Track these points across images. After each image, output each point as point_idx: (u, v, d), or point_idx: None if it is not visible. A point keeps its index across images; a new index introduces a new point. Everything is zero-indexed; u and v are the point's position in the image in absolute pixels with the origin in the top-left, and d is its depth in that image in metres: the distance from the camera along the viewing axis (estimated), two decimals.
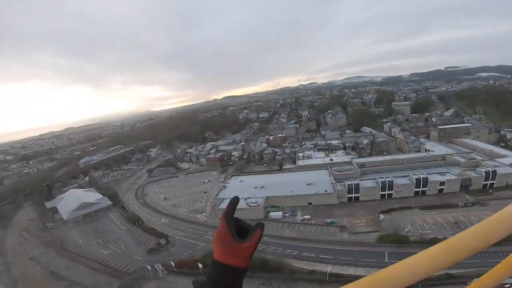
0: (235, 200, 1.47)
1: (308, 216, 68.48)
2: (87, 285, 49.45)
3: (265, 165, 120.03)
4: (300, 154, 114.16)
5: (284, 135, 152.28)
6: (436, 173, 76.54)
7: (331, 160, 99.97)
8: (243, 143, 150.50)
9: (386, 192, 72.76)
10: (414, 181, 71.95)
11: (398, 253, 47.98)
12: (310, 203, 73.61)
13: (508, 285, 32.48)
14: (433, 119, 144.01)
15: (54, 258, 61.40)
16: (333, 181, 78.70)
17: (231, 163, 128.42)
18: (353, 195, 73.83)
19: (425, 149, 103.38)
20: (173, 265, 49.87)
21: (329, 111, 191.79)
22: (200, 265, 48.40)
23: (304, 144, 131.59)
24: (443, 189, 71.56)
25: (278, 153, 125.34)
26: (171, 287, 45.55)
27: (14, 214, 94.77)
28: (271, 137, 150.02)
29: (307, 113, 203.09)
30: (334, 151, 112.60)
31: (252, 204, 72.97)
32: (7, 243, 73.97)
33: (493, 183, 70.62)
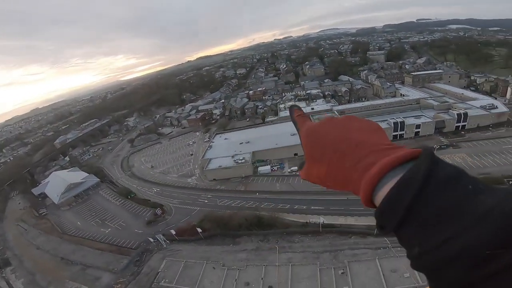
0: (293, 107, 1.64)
1: (296, 168, 68.69)
2: (99, 266, 50.76)
3: (247, 119, 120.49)
4: (282, 106, 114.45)
5: (263, 88, 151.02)
6: (412, 116, 79.47)
7: (312, 109, 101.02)
8: (223, 101, 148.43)
9: None
10: (392, 125, 74.63)
11: None
12: (296, 154, 74.26)
13: None
14: (407, 66, 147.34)
15: (59, 244, 61.62)
16: None
17: (213, 121, 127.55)
18: None
19: (401, 94, 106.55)
20: (174, 234, 51.86)
21: (307, 63, 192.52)
22: (199, 230, 50.32)
23: (285, 96, 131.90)
24: (419, 132, 75.03)
25: (260, 107, 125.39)
26: (177, 255, 47.97)
27: (4, 206, 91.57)
28: (251, 92, 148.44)
29: (284, 66, 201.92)
30: (314, 100, 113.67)
31: (240, 161, 73.88)
32: (9, 236, 72.65)
33: (465, 125, 74.20)
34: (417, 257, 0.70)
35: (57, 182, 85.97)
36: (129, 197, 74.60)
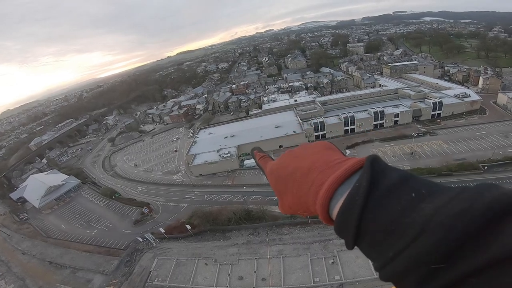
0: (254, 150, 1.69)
1: None
2: (89, 268, 49.75)
3: (231, 113, 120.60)
4: (265, 99, 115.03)
5: (246, 82, 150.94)
6: (391, 106, 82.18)
7: (296, 101, 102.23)
8: (205, 95, 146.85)
9: (349, 127, 77.76)
10: (373, 114, 77.06)
11: None
12: (281, 146, 75.11)
13: None
14: (385, 58, 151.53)
15: (45, 249, 59.85)
16: (300, 121, 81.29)
17: (196, 117, 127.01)
18: (319, 133, 77.71)
19: (379, 84, 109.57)
20: (163, 232, 51.31)
21: (289, 55, 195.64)
22: (188, 227, 49.90)
23: (268, 89, 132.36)
24: (397, 120, 77.76)
25: (243, 100, 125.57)
26: (167, 253, 47.68)
27: None
28: (234, 86, 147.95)
29: (267, 59, 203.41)
30: (297, 92, 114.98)
31: (226, 155, 73.74)
32: None
33: (440, 113, 77.48)
34: (378, 270, 0.70)
35: (36, 186, 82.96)
36: (113, 197, 72.94)
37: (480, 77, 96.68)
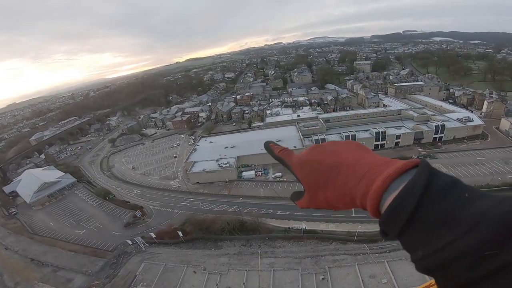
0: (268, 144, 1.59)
1: (280, 174, 70.03)
2: (72, 268, 48.54)
3: (234, 124, 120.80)
4: (268, 112, 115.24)
5: (251, 93, 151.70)
6: (393, 127, 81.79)
7: (298, 116, 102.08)
8: (210, 104, 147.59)
9: None
10: (374, 134, 76.76)
11: None
12: None
13: None
14: (391, 77, 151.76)
15: (29, 245, 58.71)
16: (301, 137, 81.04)
17: (199, 124, 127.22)
18: None
19: (383, 104, 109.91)
20: (154, 237, 50.40)
21: (295, 70, 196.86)
22: (180, 233, 49.11)
23: (272, 102, 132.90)
24: (399, 142, 77.24)
25: (246, 112, 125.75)
26: (156, 258, 46.51)
27: None
28: (238, 96, 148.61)
29: (273, 72, 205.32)
30: (300, 108, 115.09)
31: (224, 165, 73.36)
32: None
33: (442, 137, 77.06)
34: (421, 260, 0.76)
35: (30, 181, 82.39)
36: (107, 198, 72.20)
37: (485, 101, 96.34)
